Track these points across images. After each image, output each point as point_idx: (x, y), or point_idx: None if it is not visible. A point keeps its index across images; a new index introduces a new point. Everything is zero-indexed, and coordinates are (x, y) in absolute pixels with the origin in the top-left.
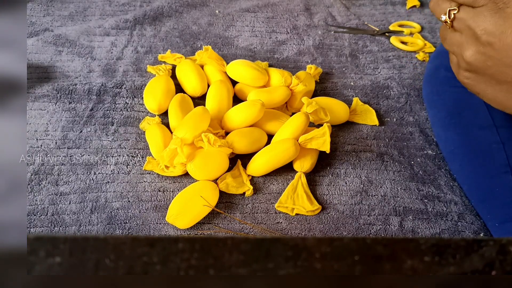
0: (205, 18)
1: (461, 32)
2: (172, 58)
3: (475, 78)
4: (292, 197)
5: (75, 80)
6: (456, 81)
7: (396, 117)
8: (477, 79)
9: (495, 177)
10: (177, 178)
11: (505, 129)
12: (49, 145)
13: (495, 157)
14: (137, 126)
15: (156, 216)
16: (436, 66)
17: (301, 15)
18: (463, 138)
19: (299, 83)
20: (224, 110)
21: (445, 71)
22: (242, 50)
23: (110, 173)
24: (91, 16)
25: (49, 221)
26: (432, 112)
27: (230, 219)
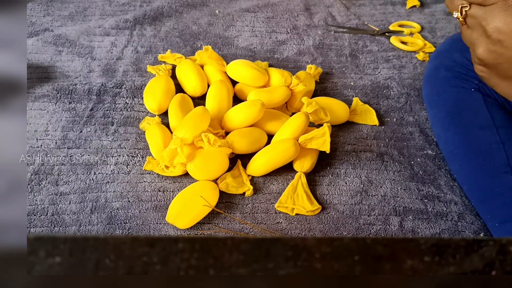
0: (205, 18)
1: (473, 29)
2: (172, 58)
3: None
4: (292, 197)
5: (75, 80)
6: (456, 81)
7: (396, 117)
8: (491, 73)
9: (495, 177)
10: (177, 178)
11: (505, 129)
12: (49, 145)
13: (495, 157)
14: (137, 126)
15: (156, 216)
16: (436, 66)
17: (301, 15)
18: (463, 138)
19: (299, 83)
20: (224, 110)
21: (445, 71)
22: (242, 50)
23: (110, 173)
24: (91, 16)
25: (49, 221)
26: (432, 112)
27: (230, 219)
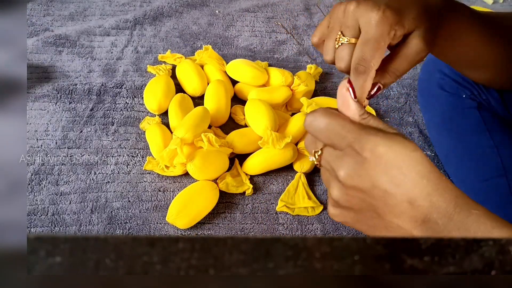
0: (205, 18)
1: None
2: (172, 58)
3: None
4: (293, 197)
5: (75, 80)
6: (449, 86)
7: (395, 117)
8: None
9: (489, 180)
10: (177, 178)
11: (498, 134)
12: (49, 145)
13: (489, 161)
14: (137, 126)
15: (156, 216)
16: (430, 71)
17: (301, 15)
18: (457, 143)
19: (300, 83)
20: (223, 109)
21: (438, 76)
22: (242, 50)
23: (110, 173)
24: (91, 16)
25: (50, 221)
26: (427, 116)
27: (230, 219)
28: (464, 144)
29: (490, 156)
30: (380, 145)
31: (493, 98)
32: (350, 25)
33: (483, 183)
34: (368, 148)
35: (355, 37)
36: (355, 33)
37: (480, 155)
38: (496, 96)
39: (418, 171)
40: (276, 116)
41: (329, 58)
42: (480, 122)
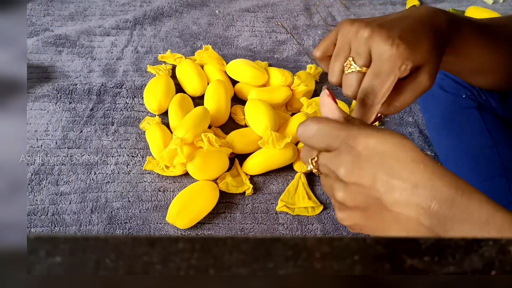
0: (205, 18)
1: (327, 176)
2: (172, 58)
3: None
4: (293, 197)
5: (75, 80)
6: (448, 86)
7: (395, 117)
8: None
9: (489, 180)
10: (177, 178)
11: (498, 133)
12: (49, 145)
13: (489, 160)
14: (137, 126)
15: (156, 216)
16: None
17: (301, 15)
18: (457, 143)
19: (301, 84)
20: (222, 109)
21: (439, 75)
22: (242, 50)
23: (110, 173)
24: (91, 16)
25: (50, 221)
26: (427, 116)
27: (230, 219)
28: (464, 144)
29: (490, 156)
30: (371, 136)
31: (493, 98)
32: (362, 53)
33: (483, 183)
34: (361, 142)
35: (366, 66)
36: (367, 62)
37: (480, 155)
38: (496, 96)
39: (413, 158)
40: (276, 116)
41: (335, 81)
42: (480, 122)
